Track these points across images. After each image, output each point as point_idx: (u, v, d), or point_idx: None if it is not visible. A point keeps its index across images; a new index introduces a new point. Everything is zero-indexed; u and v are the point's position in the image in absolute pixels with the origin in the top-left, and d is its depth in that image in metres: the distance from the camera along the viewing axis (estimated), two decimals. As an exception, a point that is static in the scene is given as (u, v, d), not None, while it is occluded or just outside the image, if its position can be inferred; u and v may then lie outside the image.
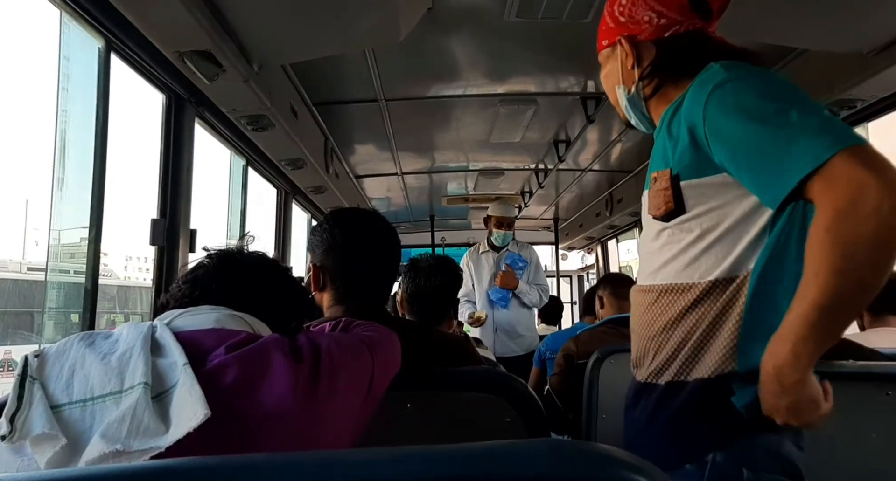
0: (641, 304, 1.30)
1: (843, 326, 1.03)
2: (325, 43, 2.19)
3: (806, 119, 1.01)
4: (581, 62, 2.84)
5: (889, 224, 0.92)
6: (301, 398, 0.87)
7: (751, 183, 1.08)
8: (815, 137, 0.98)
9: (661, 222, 1.24)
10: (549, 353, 3.14)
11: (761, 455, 1.11)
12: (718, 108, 1.09)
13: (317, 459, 0.53)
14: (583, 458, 0.51)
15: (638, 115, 1.38)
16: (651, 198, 1.26)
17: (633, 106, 1.36)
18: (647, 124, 1.39)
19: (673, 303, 1.21)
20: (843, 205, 0.94)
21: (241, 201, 3.30)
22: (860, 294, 0.98)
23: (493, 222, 4.46)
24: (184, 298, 1.04)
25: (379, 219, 1.52)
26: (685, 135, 1.16)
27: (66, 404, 0.80)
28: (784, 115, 1.02)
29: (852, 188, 0.93)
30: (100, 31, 1.90)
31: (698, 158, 1.14)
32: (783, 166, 1.00)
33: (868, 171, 0.93)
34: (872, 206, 0.92)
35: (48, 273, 2.06)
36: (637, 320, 1.32)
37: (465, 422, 1.31)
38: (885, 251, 0.94)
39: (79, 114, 1.94)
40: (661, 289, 1.24)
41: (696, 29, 1.29)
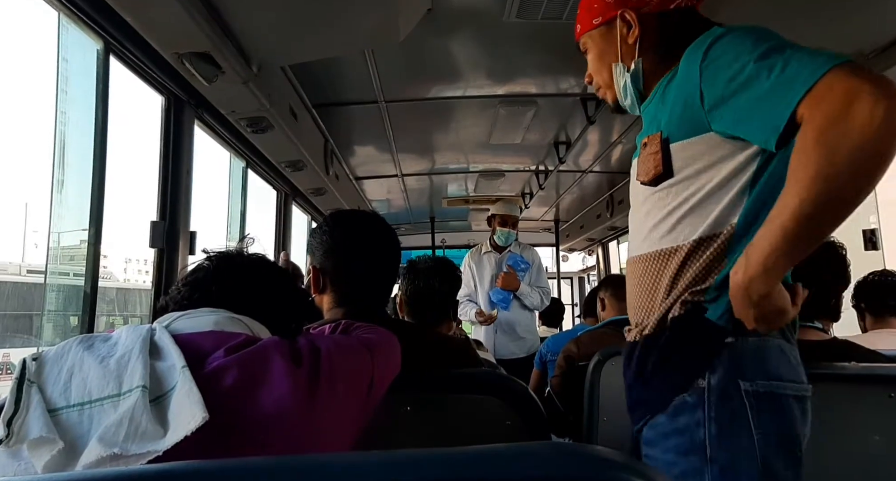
0: (634, 275, 1.32)
1: (816, 241, 1.02)
2: (324, 44, 2.19)
3: (797, 50, 1.01)
4: (582, 63, 2.80)
5: (880, 132, 0.90)
6: (300, 401, 0.86)
7: (750, 124, 1.06)
8: (808, 61, 0.98)
9: (648, 187, 1.25)
10: (550, 355, 3.13)
11: (749, 363, 1.12)
12: (714, 59, 1.10)
13: (316, 462, 0.52)
14: (584, 461, 0.51)
15: (634, 93, 1.36)
16: (640, 164, 1.27)
17: (634, 82, 1.34)
18: (639, 103, 1.38)
19: (663, 269, 1.23)
20: (835, 111, 0.93)
21: (240, 203, 3.30)
22: (839, 205, 0.97)
23: (497, 220, 4.46)
24: (183, 301, 1.04)
25: (379, 221, 1.52)
26: (679, 97, 1.17)
27: (63, 407, 0.80)
28: (777, 50, 1.02)
29: (846, 96, 0.92)
30: (98, 32, 1.89)
31: (689, 118, 1.15)
32: (779, 93, 0.99)
33: (862, 80, 0.93)
34: (866, 112, 0.90)
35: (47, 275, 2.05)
36: (631, 291, 1.34)
37: (466, 425, 1.30)
38: (871, 160, 0.92)
39: (78, 116, 1.93)
40: (650, 257, 1.25)
41: (692, 5, 1.31)
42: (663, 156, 1.20)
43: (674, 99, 1.19)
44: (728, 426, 1.10)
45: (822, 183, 0.94)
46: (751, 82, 1.03)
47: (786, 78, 0.99)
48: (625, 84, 1.35)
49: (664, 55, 1.29)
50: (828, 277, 1.74)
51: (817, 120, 0.95)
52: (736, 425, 1.09)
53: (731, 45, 1.10)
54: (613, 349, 2.29)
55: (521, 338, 4.30)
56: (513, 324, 4.30)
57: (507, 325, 4.29)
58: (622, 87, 1.37)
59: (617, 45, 1.34)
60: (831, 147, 0.93)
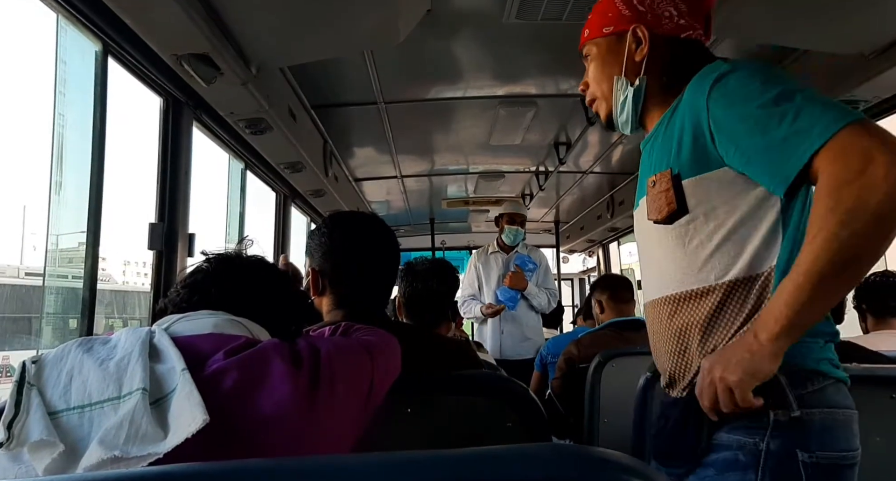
0: (660, 318, 1.26)
1: (832, 300, 1.01)
2: (323, 45, 2.19)
3: (809, 100, 1.01)
4: (581, 64, 2.83)
5: (893, 196, 0.91)
6: (300, 403, 0.86)
7: (758, 168, 1.06)
8: (821, 114, 0.98)
9: (663, 226, 1.21)
10: (551, 357, 3.13)
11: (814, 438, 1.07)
12: (722, 96, 1.09)
13: (316, 464, 0.52)
14: (585, 462, 0.50)
15: (631, 112, 1.33)
16: (651, 203, 1.23)
17: (635, 100, 1.32)
18: (633, 124, 1.36)
19: (695, 311, 1.18)
20: (849, 172, 0.93)
21: (239, 205, 3.29)
22: (853, 265, 0.97)
23: (506, 219, 4.46)
24: (182, 303, 1.04)
25: (377, 223, 1.52)
26: (687, 131, 1.15)
27: (63, 410, 0.80)
28: (787, 98, 1.02)
29: (861, 157, 0.92)
30: (97, 34, 1.89)
31: (700, 154, 1.13)
32: (791, 144, 0.99)
33: (877, 142, 0.93)
34: (881, 175, 0.91)
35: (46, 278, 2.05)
36: (659, 335, 1.27)
37: (466, 427, 1.30)
38: (885, 223, 0.93)
39: (76, 118, 1.93)
40: (678, 298, 1.20)
41: (701, 40, 1.30)
42: (676, 194, 1.17)
43: (680, 133, 1.17)
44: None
45: (838, 244, 0.94)
46: (761, 128, 1.02)
47: (798, 129, 0.98)
48: (625, 99, 1.33)
49: (666, 82, 1.28)
50: None
51: (832, 179, 0.94)
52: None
53: (739, 83, 1.08)
54: (614, 351, 2.29)
55: (528, 338, 4.31)
56: (520, 324, 4.31)
57: (514, 326, 4.29)
58: (621, 102, 1.34)
59: (623, 58, 1.31)
60: (846, 208, 0.93)
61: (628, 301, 2.88)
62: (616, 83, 1.34)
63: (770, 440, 1.07)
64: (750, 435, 1.09)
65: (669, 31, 1.28)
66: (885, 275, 2.34)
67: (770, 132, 1.01)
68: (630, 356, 2.23)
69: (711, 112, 1.09)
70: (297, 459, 0.52)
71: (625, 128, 1.37)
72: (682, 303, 1.20)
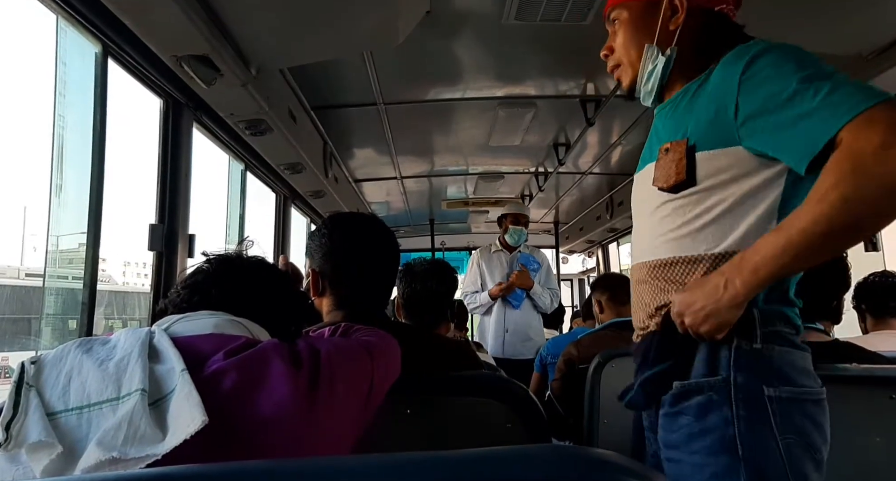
0: (645, 278, 1.30)
1: (817, 259, 1.05)
2: (323, 47, 2.19)
3: (842, 81, 1.02)
4: (581, 64, 2.84)
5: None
6: (300, 403, 0.86)
7: (784, 143, 1.06)
8: (853, 92, 0.99)
9: (666, 193, 1.23)
10: (551, 358, 3.13)
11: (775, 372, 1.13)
12: (755, 73, 1.09)
13: (315, 465, 0.52)
14: (584, 463, 0.50)
15: (657, 83, 1.31)
16: (659, 169, 1.24)
17: (664, 70, 1.29)
18: (656, 95, 1.34)
19: (681, 276, 1.22)
20: (876, 143, 0.93)
21: (239, 206, 3.29)
22: (851, 231, 1.00)
23: (510, 219, 4.46)
24: (182, 304, 1.04)
25: (377, 224, 1.52)
26: (711, 105, 1.16)
27: (62, 411, 0.79)
28: (820, 77, 1.03)
29: (888, 132, 0.93)
30: (97, 35, 1.89)
31: (720, 129, 1.14)
32: (820, 116, 1.00)
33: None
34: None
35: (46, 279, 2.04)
36: (642, 294, 1.32)
37: (466, 428, 1.30)
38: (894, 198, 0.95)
39: (76, 119, 1.93)
40: (667, 263, 1.24)
41: (732, 14, 1.30)
42: (687, 164, 1.18)
43: (705, 107, 1.17)
44: (755, 426, 1.10)
45: (844, 206, 0.95)
46: (794, 100, 1.03)
47: (831, 102, 0.99)
48: (654, 69, 1.30)
49: (694, 56, 1.27)
50: (829, 280, 1.75)
51: (857, 147, 0.95)
52: (761, 426, 1.10)
53: (775, 61, 1.09)
54: (614, 351, 2.29)
55: (530, 338, 4.31)
56: (523, 325, 4.31)
57: (518, 326, 4.29)
58: (649, 71, 1.31)
59: (657, 26, 1.28)
60: (865, 175, 0.94)
61: (627, 301, 2.87)
62: (646, 51, 1.30)
63: (736, 373, 1.12)
64: (715, 369, 1.15)
65: (704, 3, 1.27)
66: (884, 275, 2.34)
67: (803, 103, 1.02)
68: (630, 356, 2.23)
69: (742, 89, 1.10)
70: (297, 460, 0.52)
71: (647, 98, 1.36)
72: (669, 267, 1.24)
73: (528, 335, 4.30)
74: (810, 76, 1.03)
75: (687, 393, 1.17)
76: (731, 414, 1.11)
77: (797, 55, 1.09)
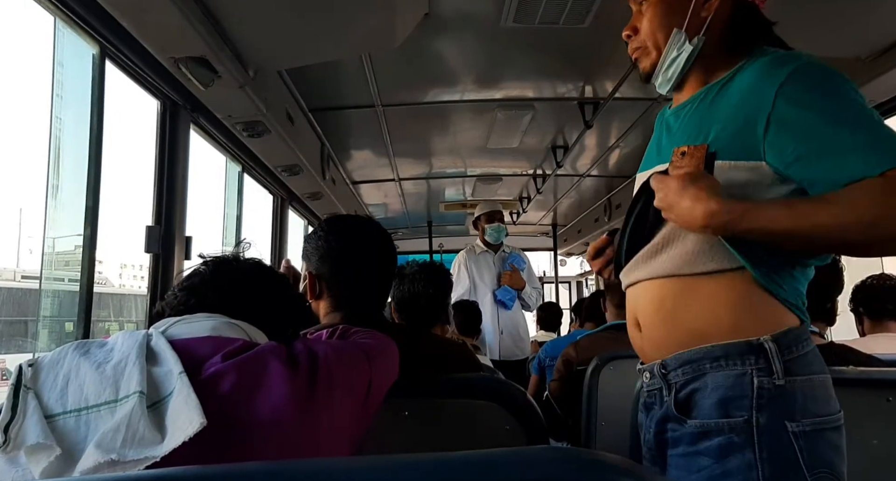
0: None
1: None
2: (320, 48, 2.19)
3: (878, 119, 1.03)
4: (579, 67, 2.84)
5: None
6: (298, 406, 0.86)
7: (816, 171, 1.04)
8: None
9: None
10: (549, 360, 3.12)
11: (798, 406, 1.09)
12: (795, 92, 1.06)
13: (313, 467, 0.52)
14: (581, 465, 0.50)
15: (679, 71, 1.24)
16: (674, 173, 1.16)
17: (689, 59, 1.22)
18: (674, 84, 1.27)
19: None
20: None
21: (236, 208, 3.29)
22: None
23: (484, 219, 4.45)
24: (179, 306, 1.03)
25: (373, 226, 1.52)
26: (740, 113, 1.11)
27: (60, 414, 0.79)
28: (862, 110, 1.03)
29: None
30: (94, 37, 1.89)
31: (744, 140, 1.10)
32: (864, 155, 0.99)
33: None
34: None
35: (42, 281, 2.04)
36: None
37: (464, 430, 1.30)
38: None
39: (73, 120, 1.93)
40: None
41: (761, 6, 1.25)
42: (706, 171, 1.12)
43: (732, 114, 1.13)
44: (783, 468, 1.06)
45: (868, 229, 0.97)
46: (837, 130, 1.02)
47: (877, 141, 1.00)
48: (678, 56, 1.23)
49: (720, 49, 1.22)
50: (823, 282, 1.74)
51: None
52: (788, 468, 1.06)
53: (818, 82, 1.07)
54: (612, 353, 2.29)
55: (522, 339, 4.33)
56: (515, 325, 4.33)
57: (512, 327, 4.30)
58: (672, 57, 1.23)
59: (688, 11, 1.21)
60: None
61: None
62: (674, 36, 1.22)
63: (758, 414, 1.07)
64: (737, 409, 1.09)
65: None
66: (881, 278, 2.35)
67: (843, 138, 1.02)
68: (628, 359, 2.23)
69: (778, 105, 1.06)
70: (295, 462, 0.52)
71: (664, 86, 1.28)
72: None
73: (521, 335, 4.33)
74: (852, 107, 1.03)
75: (706, 433, 1.11)
76: (755, 458, 1.06)
77: (839, 80, 1.07)
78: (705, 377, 1.13)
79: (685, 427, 1.14)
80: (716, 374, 1.12)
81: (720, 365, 1.12)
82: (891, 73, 2.15)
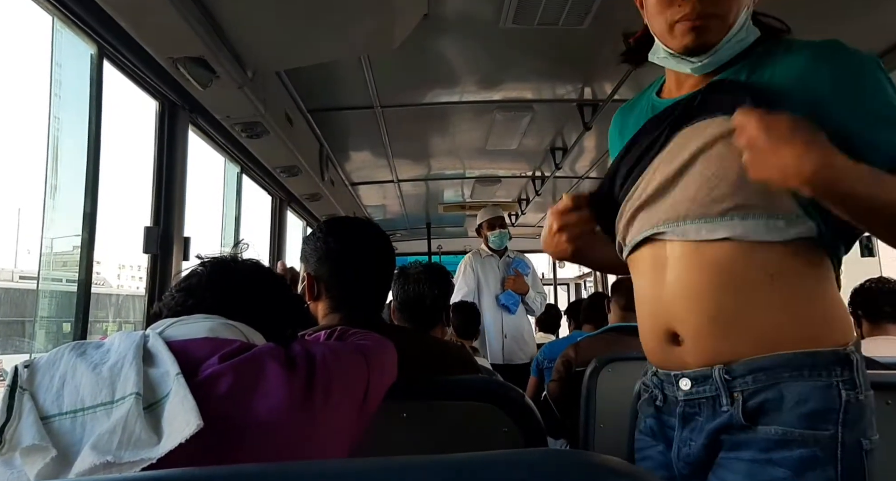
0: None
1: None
2: (319, 49, 2.19)
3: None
4: (578, 69, 2.84)
5: None
6: (295, 408, 0.86)
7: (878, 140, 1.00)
8: None
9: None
10: (547, 362, 3.13)
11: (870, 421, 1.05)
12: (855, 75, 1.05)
13: (310, 469, 0.52)
14: (579, 467, 0.50)
15: (733, 55, 1.13)
16: None
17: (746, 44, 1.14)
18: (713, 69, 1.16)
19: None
20: None
21: (235, 209, 3.29)
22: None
23: (486, 226, 4.44)
24: (177, 307, 1.03)
25: (372, 227, 1.52)
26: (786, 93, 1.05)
27: (56, 415, 0.79)
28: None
29: None
30: (92, 37, 1.89)
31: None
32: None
33: None
34: None
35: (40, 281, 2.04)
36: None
37: (462, 432, 1.29)
38: None
39: (71, 120, 1.93)
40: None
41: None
42: None
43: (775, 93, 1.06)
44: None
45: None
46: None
47: None
48: (744, 40, 1.13)
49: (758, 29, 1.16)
50: None
51: None
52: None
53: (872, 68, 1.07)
54: (611, 356, 2.29)
55: (526, 343, 4.33)
56: (519, 329, 4.33)
57: (516, 331, 4.30)
58: (739, 39, 1.13)
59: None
60: None
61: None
62: (742, 14, 1.12)
63: (843, 429, 1.01)
64: (823, 422, 1.02)
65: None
66: (880, 281, 2.35)
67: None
68: (627, 361, 2.23)
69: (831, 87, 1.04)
70: (292, 464, 0.52)
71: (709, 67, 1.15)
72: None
73: (525, 339, 4.33)
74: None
75: (787, 442, 1.02)
76: (836, 476, 1.00)
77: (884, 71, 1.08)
78: (780, 386, 1.04)
79: (755, 432, 1.05)
80: (795, 384, 1.03)
81: (801, 374, 1.03)
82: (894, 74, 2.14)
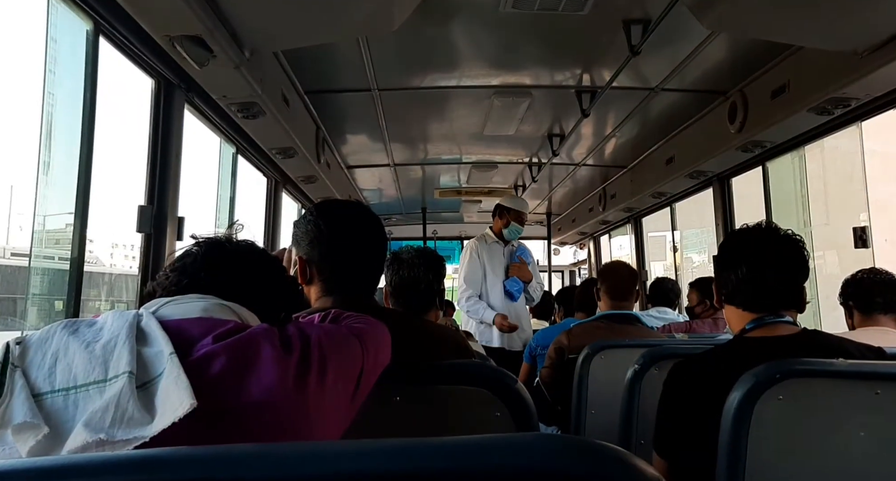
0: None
1: None
2: (317, 30, 2.17)
3: None
4: (577, 55, 2.83)
5: None
6: (289, 389, 0.86)
7: None
8: None
9: None
10: (540, 349, 3.14)
11: None
12: None
13: (303, 450, 0.52)
14: (570, 451, 0.50)
15: None
16: None
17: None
18: None
19: None
20: None
21: (230, 189, 3.27)
22: None
23: (512, 216, 4.33)
24: (171, 287, 1.03)
25: (364, 210, 1.51)
26: None
27: (48, 392, 0.79)
28: None
29: None
30: (88, 13, 1.86)
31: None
32: None
33: None
34: None
35: (32, 259, 2.03)
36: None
37: (455, 416, 1.30)
38: None
39: (66, 97, 1.91)
40: None
41: None
42: None
43: None
44: None
45: None
46: None
47: None
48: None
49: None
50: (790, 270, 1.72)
51: None
52: None
53: None
54: (603, 343, 2.30)
55: (524, 330, 4.35)
56: (520, 317, 4.35)
57: (516, 318, 4.31)
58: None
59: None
60: None
61: (628, 298, 2.80)
62: None
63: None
64: None
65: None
66: (872, 271, 2.36)
67: None
68: (619, 348, 2.24)
69: None
70: (285, 445, 0.52)
71: None
72: None
73: (523, 327, 4.34)
74: None
75: None
76: None
77: None
78: None
79: None
80: None
81: None
82: (887, 68, 2.14)
